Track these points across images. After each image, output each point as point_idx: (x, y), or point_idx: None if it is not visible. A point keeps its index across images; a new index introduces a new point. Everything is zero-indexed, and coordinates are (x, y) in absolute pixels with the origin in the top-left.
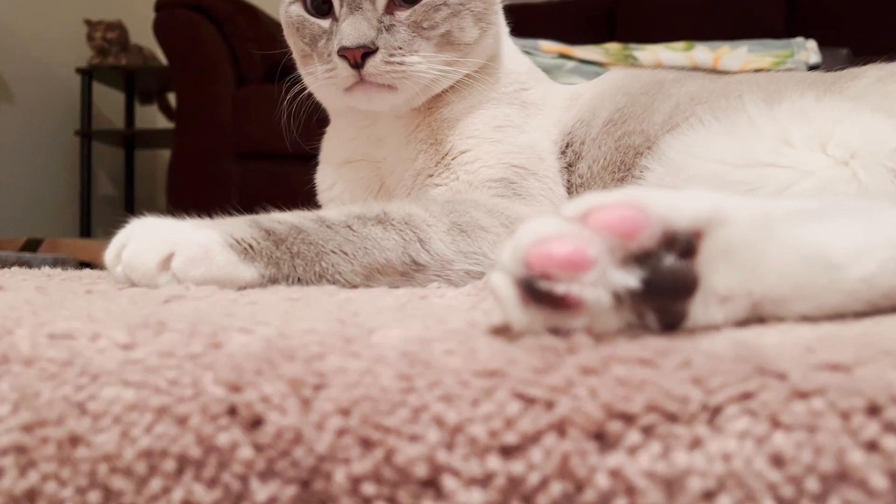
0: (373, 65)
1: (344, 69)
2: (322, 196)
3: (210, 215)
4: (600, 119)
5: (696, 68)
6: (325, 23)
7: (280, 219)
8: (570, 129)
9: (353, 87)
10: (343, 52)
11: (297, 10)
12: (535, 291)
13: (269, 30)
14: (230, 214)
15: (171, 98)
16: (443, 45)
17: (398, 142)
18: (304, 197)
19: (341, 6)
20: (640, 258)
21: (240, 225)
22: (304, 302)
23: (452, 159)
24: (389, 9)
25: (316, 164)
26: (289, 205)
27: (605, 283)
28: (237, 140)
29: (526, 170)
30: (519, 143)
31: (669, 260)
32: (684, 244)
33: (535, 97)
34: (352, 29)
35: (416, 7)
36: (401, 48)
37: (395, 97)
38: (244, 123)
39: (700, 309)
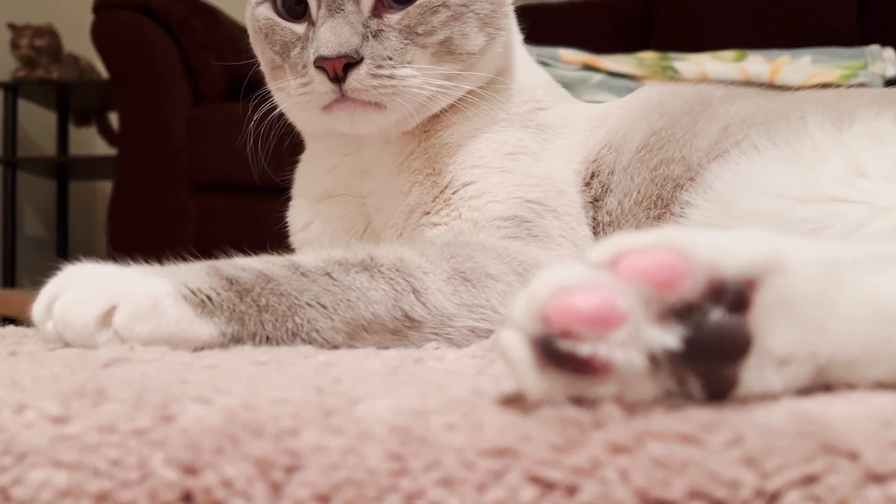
0: (356, 78)
1: (321, 83)
2: (296, 237)
3: (160, 261)
4: (633, 144)
5: (748, 83)
6: (299, 27)
7: (245, 265)
8: (596, 157)
9: (332, 104)
10: (321, 63)
11: (266, 12)
12: (555, 353)
13: (232, 36)
14: (184, 260)
15: (114, 118)
16: (441, 55)
17: (387, 172)
18: (274, 238)
19: (319, 7)
20: (682, 313)
21: (196, 272)
22: (274, 365)
23: (453, 193)
24: (377, 11)
25: (288, 199)
26: (256, 248)
27: (639, 342)
28: (193, 169)
29: (542, 206)
30: (534, 173)
31: (717, 315)
32: (735, 296)
33: (554, 118)
34: (331, 35)
35: (410, 9)
36: (391, 58)
37: (384, 118)
38: (202, 149)
39: (754, 374)
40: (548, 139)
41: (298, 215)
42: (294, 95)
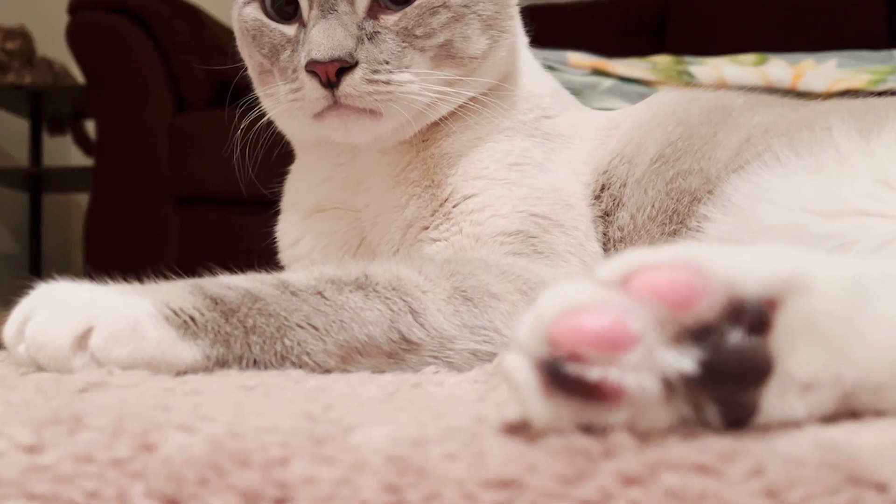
0: (351, 84)
1: (313, 89)
2: (285, 254)
3: (140, 279)
4: (647, 154)
5: (769, 88)
6: (289, 29)
7: (231, 283)
8: (607, 168)
9: (324, 112)
10: (312, 68)
11: (254, 12)
12: (562, 377)
13: (217, 38)
14: (166, 278)
15: (90, 127)
16: (442, 60)
17: (383, 184)
18: (262, 255)
19: (310, 8)
20: (698, 334)
21: (178, 291)
22: (261, 391)
23: (454, 206)
24: (373, 11)
25: (277, 213)
26: (242, 265)
27: (653, 366)
28: (175, 181)
29: (549, 220)
30: (540, 185)
31: (736, 336)
32: (755, 316)
33: (562, 127)
34: (324, 37)
35: (408, 10)
36: (387, 62)
37: (380, 126)
38: (185, 159)
39: (775, 400)
40: (555, 149)
41: (288, 230)
42: (284, 102)
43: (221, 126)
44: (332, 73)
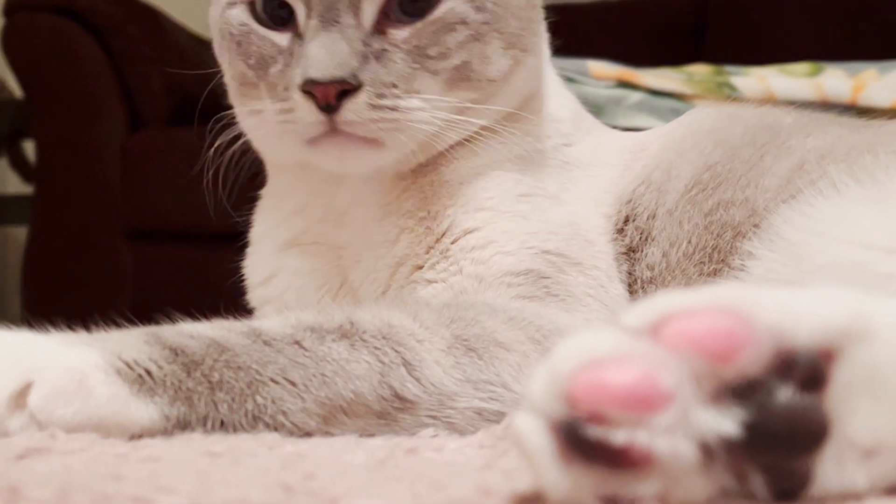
0: (353, 109)
1: (308, 112)
2: (254, 293)
3: (87, 326)
4: (680, 181)
5: (826, 104)
6: (281, 38)
7: (194, 332)
8: (631, 196)
9: (320, 138)
10: (309, 88)
11: (241, 15)
12: (582, 441)
13: (179, 45)
14: (118, 325)
15: (30, 148)
16: (455, 83)
17: (370, 215)
18: (230, 297)
19: (309, 16)
20: (741, 391)
21: (132, 341)
22: (230, 457)
23: (452, 242)
24: (380, 25)
25: (245, 245)
26: (207, 309)
27: (688, 428)
28: (129, 211)
29: (564, 258)
30: (553, 218)
31: (785, 394)
32: (808, 370)
33: (583, 154)
34: (324, 53)
35: (420, 25)
36: (395, 86)
37: (381, 157)
38: (140, 187)
39: (831, 468)
40: (573, 179)
41: (258, 266)
42: (270, 122)
43: (184, 148)
44: (332, 96)
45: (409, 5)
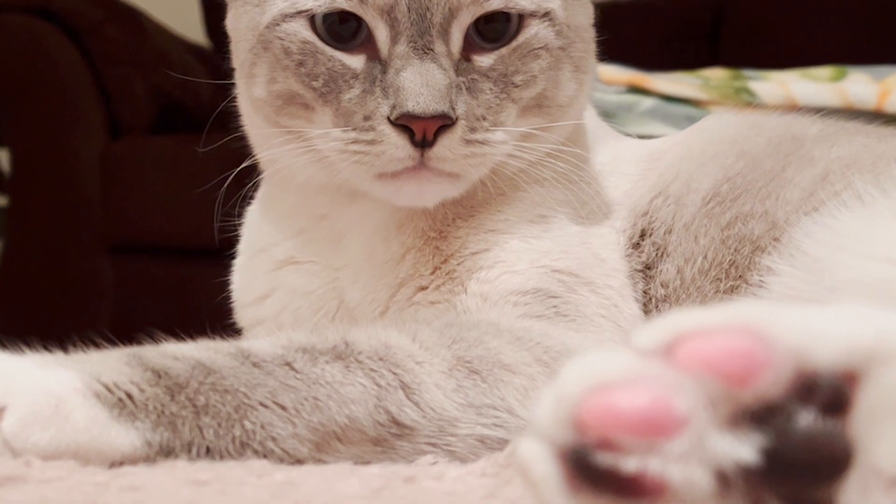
0: (448, 145)
1: (400, 147)
2: (245, 313)
3: (64, 347)
4: (697, 193)
5: (850, 110)
6: (353, 60)
7: (178, 353)
8: (647, 209)
9: (401, 172)
10: (406, 122)
11: (301, 30)
12: (591, 469)
13: (162, 48)
14: (97, 346)
15: (3, 157)
16: (529, 109)
17: (374, 235)
18: (216, 316)
19: (395, 40)
20: (760, 416)
21: (113, 362)
22: (216, 486)
23: (458, 263)
24: (465, 52)
25: (232, 258)
26: (192, 329)
27: (703, 455)
28: (109, 225)
29: (575, 276)
30: (568, 236)
31: (806, 419)
32: (830, 394)
33: (601, 165)
34: (422, 85)
35: (504, 51)
36: (484, 118)
37: (454, 189)
38: (121, 198)
39: (855, 497)
40: (590, 193)
41: (251, 283)
42: (335, 151)
43: (167, 156)
44: (431, 131)
45: (489, 30)
